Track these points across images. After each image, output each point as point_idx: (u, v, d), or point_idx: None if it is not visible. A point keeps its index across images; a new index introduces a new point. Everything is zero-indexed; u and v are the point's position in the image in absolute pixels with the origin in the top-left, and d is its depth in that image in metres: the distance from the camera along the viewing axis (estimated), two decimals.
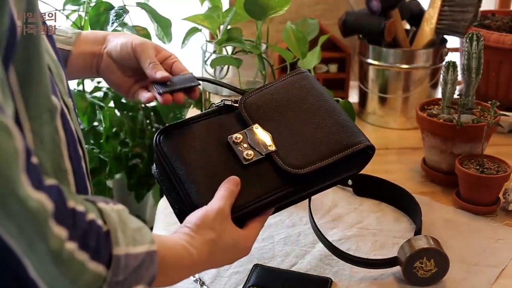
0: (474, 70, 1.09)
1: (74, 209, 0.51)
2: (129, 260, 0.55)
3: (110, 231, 0.54)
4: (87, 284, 0.51)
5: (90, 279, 0.51)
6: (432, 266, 0.83)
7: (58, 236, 0.48)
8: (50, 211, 0.47)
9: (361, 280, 0.86)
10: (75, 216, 0.50)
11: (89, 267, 0.51)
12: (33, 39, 0.55)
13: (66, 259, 0.49)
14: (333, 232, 0.97)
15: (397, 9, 1.38)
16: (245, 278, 0.85)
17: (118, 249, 0.54)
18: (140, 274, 0.56)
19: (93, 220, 0.53)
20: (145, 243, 0.57)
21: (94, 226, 0.52)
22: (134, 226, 0.57)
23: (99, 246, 0.52)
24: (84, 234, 0.51)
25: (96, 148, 1.42)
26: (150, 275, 0.58)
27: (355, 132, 0.79)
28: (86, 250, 0.50)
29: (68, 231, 0.49)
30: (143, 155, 1.46)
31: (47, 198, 0.47)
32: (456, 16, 1.34)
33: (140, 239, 0.57)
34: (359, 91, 1.47)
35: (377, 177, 1.08)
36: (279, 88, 0.83)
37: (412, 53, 1.36)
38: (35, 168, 0.47)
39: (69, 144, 0.62)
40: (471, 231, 0.98)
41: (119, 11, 1.11)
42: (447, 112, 1.11)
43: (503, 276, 0.87)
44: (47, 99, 0.58)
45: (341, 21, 1.42)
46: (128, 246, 0.55)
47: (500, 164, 1.04)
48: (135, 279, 0.56)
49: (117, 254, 0.53)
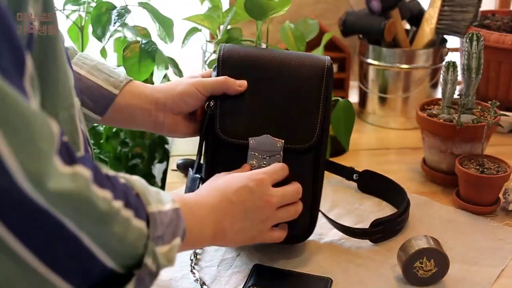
0: (474, 70, 1.09)
1: (107, 174, 0.53)
2: (162, 217, 0.58)
3: (139, 193, 0.57)
4: (134, 241, 0.54)
5: (136, 235, 0.54)
6: (432, 266, 0.83)
7: (104, 197, 0.50)
8: (90, 178, 0.48)
9: (361, 280, 0.86)
10: (111, 180, 0.53)
11: (134, 224, 0.53)
12: (51, 39, 0.56)
13: (115, 217, 0.51)
14: (333, 232, 0.97)
15: (397, 9, 1.38)
16: (245, 278, 0.85)
17: (151, 207, 0.57)
18: (173, 228, 0.60)
19: (125, 183, 0.55)
20: (168, 202, 0.61)
21: (128, 188, 0.55)
22: (154, 189, 0.61)
23: (138, 205, 0.55)
24: (125, 193, 0.53)
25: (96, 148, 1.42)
26: (182, 229, 0.62)
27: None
28: (130, 208, 0.53)
29: (111, 192, 0.51)
30: (143, 155, 1.46)
31: (84, 168, 0.48)
32: (456, 16, 1.34)
33: (162, 199, 0.60)
34: (359, 91, 1.47)
35: (382, 175, 1.09)
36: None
37: (412, 53, 1.37)
38: (66, 147, 0.48)
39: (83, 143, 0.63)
40: (471, 231, 0.98)
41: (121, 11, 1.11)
42: (447, 112, 1.11)
43: (503, 276, 0.87)
44: (65, 97, 0.59)
45: (341, 21, 1.42)
46: (157, 204, 0.58)
47: (500, 164, 1.04)
48: (171, 233, 0.60)
49: (152, 212, 0.57)
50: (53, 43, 0.57)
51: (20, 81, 0.46)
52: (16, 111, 0.42)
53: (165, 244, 0.58)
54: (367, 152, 1.30)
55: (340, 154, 1.25)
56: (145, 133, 1.47)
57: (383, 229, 0.94)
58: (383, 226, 0.94)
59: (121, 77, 0.85)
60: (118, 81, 0.84)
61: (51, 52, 0.57)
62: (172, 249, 0.60)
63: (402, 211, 0.97)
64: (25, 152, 0.43)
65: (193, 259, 0.89)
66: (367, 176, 1.10)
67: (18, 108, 0.43)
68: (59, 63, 0.58)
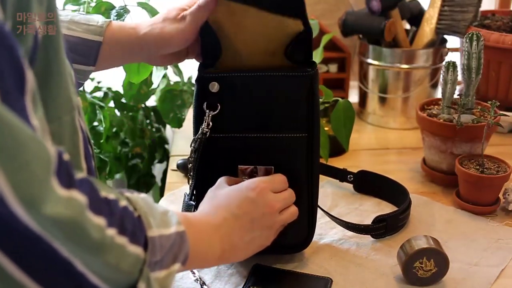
0: (474, 70, 1.09)
1: (107, 197, 0.52)
2: (163, 241, 0.58)
3: (141, 215, 0.56)
4: (129, 267, 0.53)
5: (132, 261, 0.53)
6: (432, 266, 0.83)
7: (98, 225, 0.49)
8: (85, 204, 0.48)
9: (361, 280, 0.86)
10: (109, 204, 0.52)
11: (130, 250, 0.53)
12: (53, 40, 0.56)
13: (108, 245, 0.50)
14: (334, 232, 0.97)
15: (397, 9, 1.38)
16: (245, 278, 0.85)
17: (152, 231, 0.56)
18: (174, 252, 0.60)
19: (126, 207, 0.55)
20: (173, 225, 0.60)
21: (128, 212, 0.54)
22: (160, 210, 0.60)
23: (135, 229, 0.54)
24: (121, 219, 0.53)
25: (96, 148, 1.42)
26: (184, 253, 0.62)
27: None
28: (125, 234, 0.52)
29: (106, 219, 0.50)
30: (143, 155, 1.46)
31: (80, 193, 0.48)
32: (456, 16, 1.34)
33: (168, 221, 0.60)
34: (359, 91, 1.47)
35: (378, 174, 1.09)
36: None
37: (412, 53, 1.37)
38: (66, 167, 0.48)
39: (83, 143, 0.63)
40: (471, 231, 0.98)
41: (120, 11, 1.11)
42: (447, 112, 1.11)
43: (503, 276, 0.87)
44: (67, 100, 0.59)
45: (341, 21, 1.42)
46: (160, 228, 0.58)
47: (500, 164, 1.04)
48: (172, 257, 0.59)
49: (152, 236, 0.56)
50: (56, 44, 0.57)
51: (22, 100, 0.46)
52: (12, 136, 0.42)
53: (163, 268, 0.58)
54: (367, 152, 1.30)
55: (340, 154, 1.25)
56: (145, 133, 1.47)
57: (386, 226, 0.94)
58: (386, 222, 0.94)
59: (99, 22, 0.83)
60: (98, 27, 0.83)
61: (54, 53, 0.56)
62: (169, 275, 0.60)
63: (405, 207, 0.97)
64: (19, 177, 0.43)
65: None
66: (363, 177, 1.10)
67: (14, 132, 0.43)
68: (62, 64, 0.58)
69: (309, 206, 0.87)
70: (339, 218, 0.96)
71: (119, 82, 1.29)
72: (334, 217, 0.96)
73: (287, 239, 0.85)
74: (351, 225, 0.94)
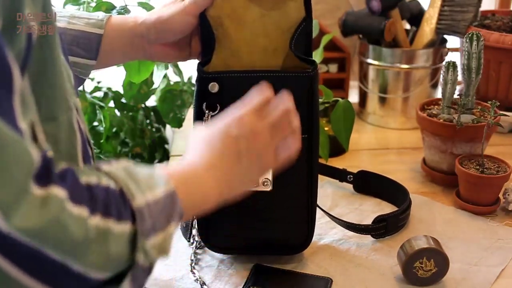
0: (474, 70, 1.09)
1: (88, 183, 0.51)
2: (151, 207, 0.55)
3: (123, 188, 0.54)
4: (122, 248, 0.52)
5: (122, 241, 0.52)
6: (432, 266, 0.83)
7: (79, 218, 0.48)
8: (65, 197, 0.47)
9: (361, 280, 0.86)
10: (91, 189, 0.51)
11: (117, 232, 0.51)
12: (49, 40, 0.56)
13: (94, 238, 0.49)
14: (334, 232, 0.97)
15: (397, 9, 1.38)
16: (245, 278, 0.85)
17: (137, 200, 0.54)
18: (167, 214, 0.57)
19: (107, 186, 0.53)
20: (161, 187, 0.57)
21: (110, 191, 0.53)
22: (144, 174, 0.57)
23: (119, 207, 0.53)
24: (104, 201, 0.51)
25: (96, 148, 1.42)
26: (178, 212, 0.59)
27: None
28: (110, 215, 0.51)
29: (88, 207, 0.49)
30: (143, 155, 1.46)
31: (59, 188, 0.47)
32: (456, 16, 1.34)
33: (154, 184, 0.57)
34: (359, 91, 1.47)
35: (378, 174, 1.09)
36: None
37: (412, 53, 1.37)
38: (47, 165, 0.47)
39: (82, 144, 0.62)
40: (471, 231, 0.98)
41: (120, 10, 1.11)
42: (447, 112, 1.11)
43: (503, 276, 0.87)
44: (63, 100, 0.59)
45: (341, 21, 1.42)
46: (145, 194, 0.55)
47: (500, 164, 1.04)
48: (165, 219, 0.57)
49: (138, 206, 0.54)
50: (51, 44, 0.56)
51: (9, 100, 0.45)
52: None
53: (157, 233, 0.56)
54: (367, 152, 1.30)
55: (340, 154, 1.25)
56: (145, 133, 1.47)
57: (386, 226, 0.94)
58: (386, 222, 0.94)
59: (100, 17, 0.84)
60: (98, 21, 0.83)
61: (50, 53, 0.56)
62: (166, 238, 0.58)
63: (405, 207, 0.97)
64: None
65: (193, 259, 0.89)
66: (363, 177, 1.10)
67: None
68: (57, 64, 0.57)
69: (309, 208, 0.86)
70: (339, 218, 0.96)
71: (119, 82, 1.29)
72: (334, 217, 0.96)
73: (286, 240, 0.85)
74: (351, 225, 0.94)
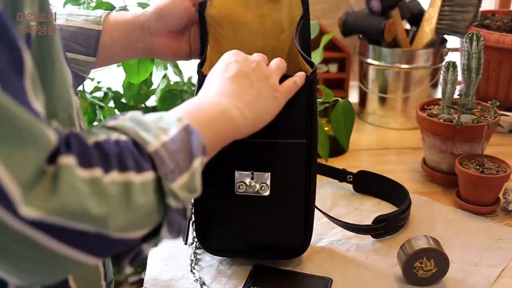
0: (474, 70, 1.09)
1: (97, 142, 0.51)
2: (168, 147, 0.54)
3: (134, 137, 0.53)
4: (149, 198, 0.52)
5: (147, 190, 0.52)
6: (432, 266, 0.83)
7: (93, 178, 0.48)
8: (74, 164, 0.47)
9: (361, 280, 0.86)
10: (100, 148, 0.50)
11: (139, 182, 0.51)
12: (49, 40, 0.56)
13: (115, 192, 0.49)
14: (334, 232, 0.97)
15: (397, 9, 1.38)
16: (245, 278, 0.85)
17: (150, 146, 0.53)
18: (187, 150, 0.56)
19: (117, 140, 0.52)
20: (173, 125, 0.57)
21: (121, 143, 0.52)
22: (153, 119, 0.57)
23: (136, 157, 0.52)
24: (118, 155, 0.51)
25: None
26: (198, 145, 0.57)
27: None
28: (127, 169, 0.51)
29: (102, 167, 0.49)
30: None
31: (66, 156, 0.47)
32: (456, 16, 1.35)
33: (166, 125, 0.56)
34: (359, 91, 1.47)
35: (378, 174, 1.09)
36: None
37: (412, 53, 1.37)
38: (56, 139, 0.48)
39: None
40: (471, 231, 0.98)
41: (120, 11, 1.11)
42: (447, 112, 1.11)
43: (503, 276, 0.87)
44: (63, 98, 0.59)
45: (341, 21, 1.42)
46: (158, 137, 0.54)
47: (500, 164, 1.04)
48: (187, 157, 0.56)
49: (154, 150, 0.53)
50: (50, 43, 0.57)
51: (20, 81, 0.46)
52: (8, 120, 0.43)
53: (182, 173, 0.55)
54: (367, 152, 1.30)
55: (340, 154, 1.25)
56: None
57: (386, 226, 0.94)
58: (386, 222, 0.94)
59: (98, 13, 0.84)
60: (97, 17, 0.84)
61: (48, 52, 0.56)
62: (193, 175, 0.56)
63: (405, 207, 0.97)
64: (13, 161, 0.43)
65: (193, 259, 0.89)
66: (362, 177, 1.10)
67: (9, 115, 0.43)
68: (57, 63, 0.58)
69: (306, 212, 0.85)
70: (339, 219, 0.96)
71: (119, 82, 1.29)
72: (333, 219, 0.96)
73: (283, 244, 0.85)
74: (351, 225, 0.94)
